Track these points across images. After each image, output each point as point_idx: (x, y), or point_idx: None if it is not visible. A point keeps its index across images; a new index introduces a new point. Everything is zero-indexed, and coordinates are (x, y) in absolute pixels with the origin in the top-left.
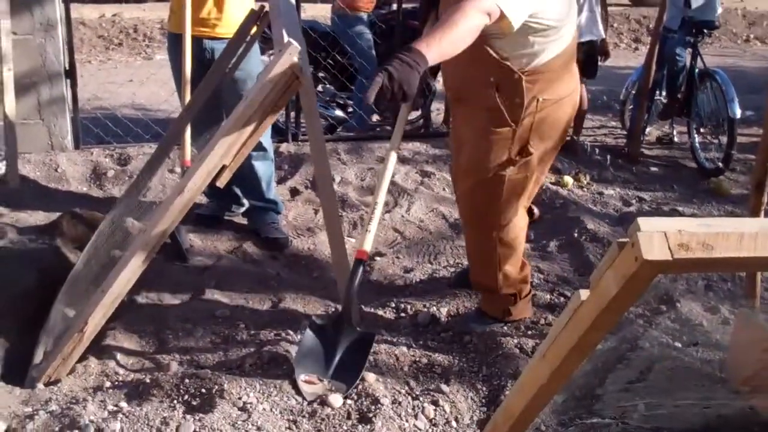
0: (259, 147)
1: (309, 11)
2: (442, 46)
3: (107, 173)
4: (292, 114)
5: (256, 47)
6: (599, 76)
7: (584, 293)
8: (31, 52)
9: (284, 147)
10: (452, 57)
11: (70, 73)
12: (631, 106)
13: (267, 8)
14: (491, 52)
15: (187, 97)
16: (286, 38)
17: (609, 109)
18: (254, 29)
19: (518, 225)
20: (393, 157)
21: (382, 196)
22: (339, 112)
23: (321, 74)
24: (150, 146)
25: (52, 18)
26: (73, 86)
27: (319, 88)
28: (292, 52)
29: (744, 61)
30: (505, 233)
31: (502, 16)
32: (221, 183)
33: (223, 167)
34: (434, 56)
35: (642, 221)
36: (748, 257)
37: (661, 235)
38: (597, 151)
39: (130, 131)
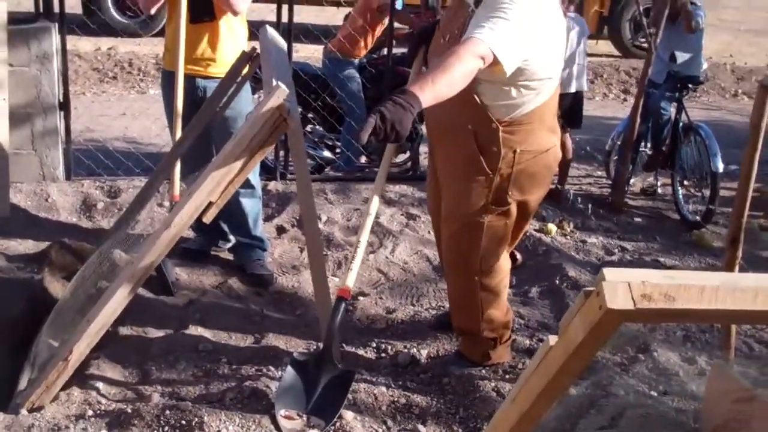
0: (248, 184)
1: (302, 52)
2: (435, 89)
3: (97, 205)
4: (281, 153)
5: (247, 87)
6: (586, 126)
7: (553, 339)
8: (27, 83)
9: (272, 185)
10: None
11: (64, 105)
12: (616, 157)
13: (258, 50)
14: (475, 97)
15: (178, 133)
16: (274, 81)
17: (595, 158)
18: (245, 70)
19: (501, 270)
20: (376, 198)
21: (365, 235)
22: (327, 153)
23: (310, 115)
24: (140, 180)
25: (48, 51)
26: (67, 118)
27: (308, 128)
28: (280, 95)
29: (731, 115)
30: (487, 278)
31: (496, 61)
32: (208, 219)
33: (210, 203)
34: (428, 99)
35: (607, 271)
36: (709, 309)
37: (625, 285)
38: (581, 200)
39: (121, 164)
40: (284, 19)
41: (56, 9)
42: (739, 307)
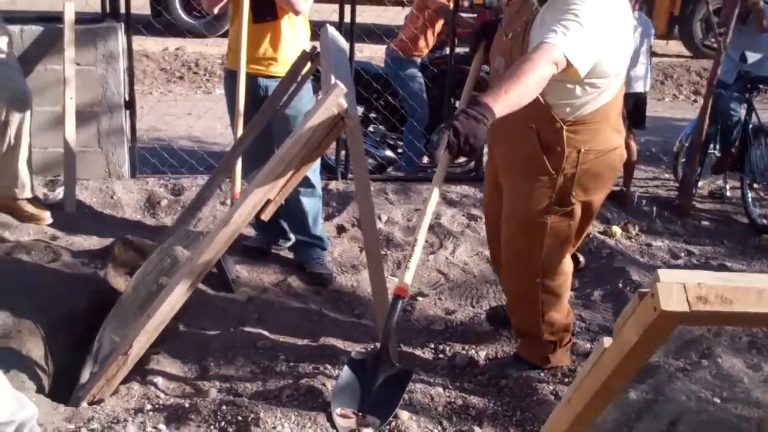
0: (308, 183)
1: (366, 51)
2: (509, 99)
3: (161, 202)
4: (342, 152)
5: (307, 86)
6: (655, 127)
7: (607, 341)
8: (93, 82)
9: (333, 184)
10: None
11: (130, 104)
12: (684, 159)
13: (319, 49)
14: (539, 97)
15: (239, 132)
16: (333, 80)
17: (662, 160)
18: (306, 69)
19: (563, 272)
20: (435, 193)
21: (423, 232)
22: (389, 153)
23: (372, 115)
24: (203, 178)
25: (115, 51)
26: (132, 117)
27: (371, 128)
28: (338, 94)
29: None
30: (549, 280)
31: (569, 64)
32: (266, 216)
33: (269, 201)
34: (501, 109)
35: (662, 273)
36: (767, 313)
37: (680, 287)
38: (648, 202)
39: (185, 163)
40: (347, 18)
41: (122, 9)
42: None
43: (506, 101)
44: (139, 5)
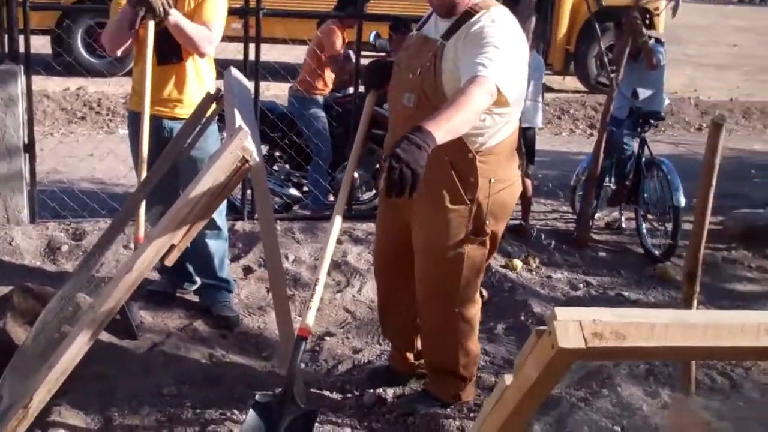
0: (213, 225)
1: (272, 90)
2: (451, 124)
3: (61, 248)
4: (248, 192)
5: (213, 127)
6: (553, 160)
7: (509, 378)
8: None
9: (239, 225)
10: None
11: (29, 148)
12: (581, 192)
13: (223, 91)
14: None
15: (143, 175)
16: (237, 122)
17: (560, 194)
18: (210, 110)
19: (477, 301)
20: (338, 221)
21: (324, 269)
22: (294, 191)
23: (277, 154)
24: (106, 221)
25: (14, 93)
26: (32, 160)
27: (275, 167)
28: (242, 137)
29: (696, 148)
30: (466, 309)
31: (500, 93)
32: (169, 262)
33: (172, 246)
34: (442, 135)
35: (558, 311)
36: (660, 347)
37: (576, 324)
38: (547, 235)
39: (87, 206)
40: (252, 57)
41: (22, 51)
42: (689, 344)
43: (448, 128)
44: (39, 45)
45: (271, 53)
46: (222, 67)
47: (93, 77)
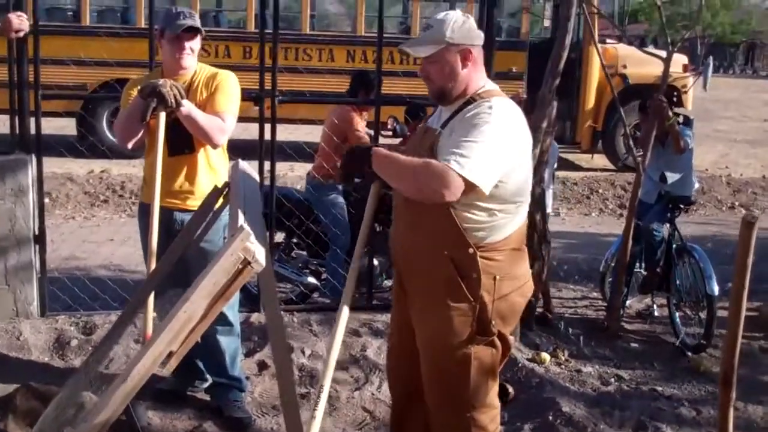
0: (225, 321)
1: (297, 170)
2: (391, 161)
3: (71, 342)
4: None
5: (224, 218)
6: (583, 243)
7: None
8: (1, 216)
9: (255, 317)
10: (403, 227)
11: (40, 238)
12: (610, 279)
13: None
14: (453, 220)
15: (152, 268)
16: (239, 221)
17: (590, 279)
18: (220, 202)
19: (492, 404)
20: (344, 313)
21: (329, 373)
22: (311, 279)
23: (294, 241)
24: (117, 314)
25: (24, 183)
26: (42, 252)
27: (293, 254)
28: (244, 238)
29: (728, 229)
30: (479, 413)
31: (471, 185)
32: (169, 369)
33: (171, 353)
34: (381, 160)
35: None
36: None
37: None
38: (576, 325)
39: (98, 297)
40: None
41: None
42: None
43: (389, 162)
44: (61, 126)
45: (298, 132)
46: (237, 149)
47: (117, 159)
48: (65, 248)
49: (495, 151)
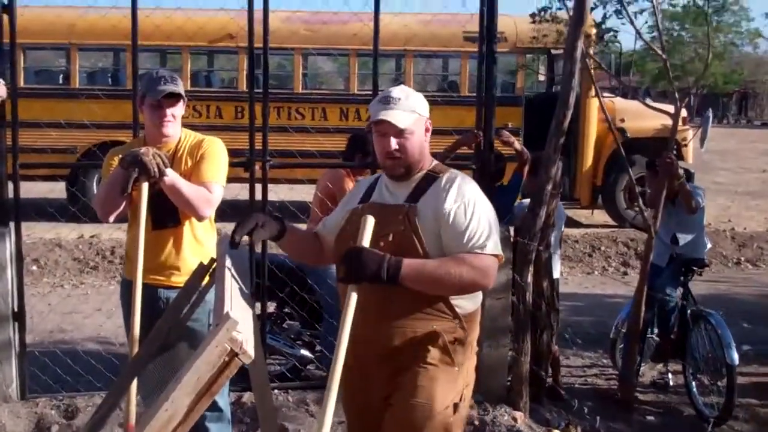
0: (214, 406)
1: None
2: (424, 271)
3: (51, 429)
4: None
5: (211, 297)
6: (587, 305)
7: None
8: None
9: (247, 396)
10: (374, 317)
11: (19, 316)
12: (621, 346)
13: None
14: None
15: (135, 351)
16: (225, 308)
17: (598, 343)
18: (206, 279)
19: None
20: (332, 398)
21: None
22: (305, 352)
23: (286, 310)
24: (101, 395)
25: (2, 258)
26: (21, 330)
27: (284, 325)
28: (230, 327)
29: (737, 287)
30: None
31: (501, 258)
32: None
33: None
34: (408, 272)
35: None
36: None
37: None
38: (586, 396)
39: (82, 377)
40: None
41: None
42: None
43: (419, 271)
44: (50, 189)
45: (277, 190)
46: (227, 207)
47: (108, 223)
48: (51, 320)
49: (494, 219)
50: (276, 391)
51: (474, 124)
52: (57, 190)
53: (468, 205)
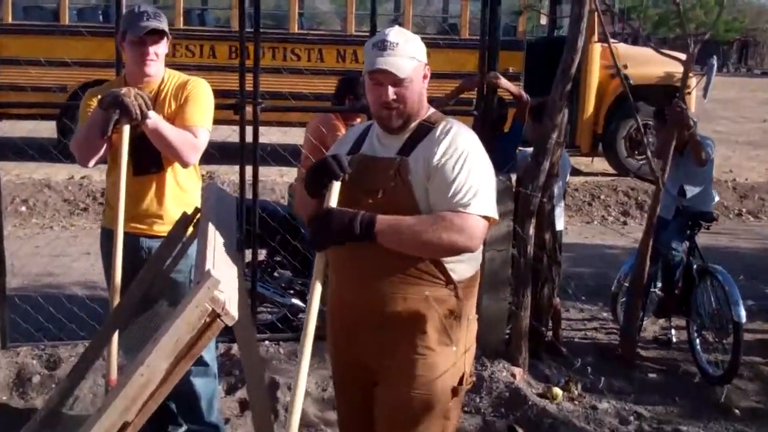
0: (200, 361)
1: (289, 176)
2: (399, 227)
3: (32, 379)
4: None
5: (194, 250)
6: (586, 256)
7: None
8: None
9: (236, 348)
10: (358, 281)
11: None
12: (623, 300)
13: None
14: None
15: (116, 302)
16: (207, 264)
17: (598, 296)
18: (191, 229)
19: None
20: (308, 345)
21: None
22: (296, 301)
23: (278, 258)
24: (85, 344)
25: None
26: (1, 277)
27: (275, 273)
28: (212, 286)
29: (739, 240)
30: None
31: (489, 219)
32: None
33: (126, 424)
34: (384, 229)
35: None
36: None
37: None
38: (586, 350)
39: (65, 326)
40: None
41: None
42: None
43: (395, 228)
44: (45, 129)
45: (268, 134)
46: (216, 150)
47: (99, 164)
48: (38, 263)
49: (490, 177)
50: (267, 342)
51: (476, 68)
52: (47, 129)
53: (459, 157)
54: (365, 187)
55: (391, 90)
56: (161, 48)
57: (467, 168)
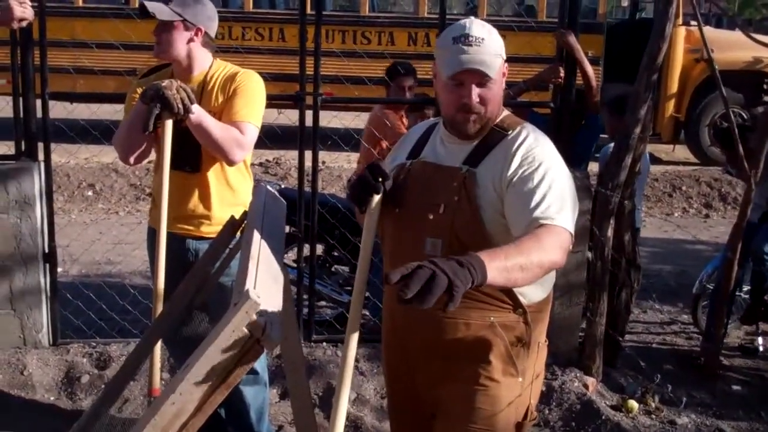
0: (249, 369)
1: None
2: (507, 265)
3: (81, 378)
4: (305, 306)
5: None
6: (668, 252)
7: None
8: (5, 232)
9: None
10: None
11: (49, 257)
12: (705, 303)
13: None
14: None
15: (159, 308)
16: (247, 284)
17: (678, 296)
18: (239, 233)
19: None
20: (352, 347)
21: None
22: None
23: (335, 253)
24: (136, 342)
25: (30, 194)
26: (53, 271)
27: (332, 269)
28: (250, 309)
29: None
30: None
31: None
32: None
33: None
34: (495, 274)
35: None
36: None
37: None
38: (665, 357)
39: (117, 324)
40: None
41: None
42: None
43: (503, 267)
44: (109, 111)
45: (341, 117)
46: (270, 140)
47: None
48: (99, 250)
49: (573, 193)
50: (324, 344)
51: (554, 54)
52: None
53: (539, 168)
54: (425, 200)
55: (475, 91)
56: (174, 34)
57: (548, 180)
